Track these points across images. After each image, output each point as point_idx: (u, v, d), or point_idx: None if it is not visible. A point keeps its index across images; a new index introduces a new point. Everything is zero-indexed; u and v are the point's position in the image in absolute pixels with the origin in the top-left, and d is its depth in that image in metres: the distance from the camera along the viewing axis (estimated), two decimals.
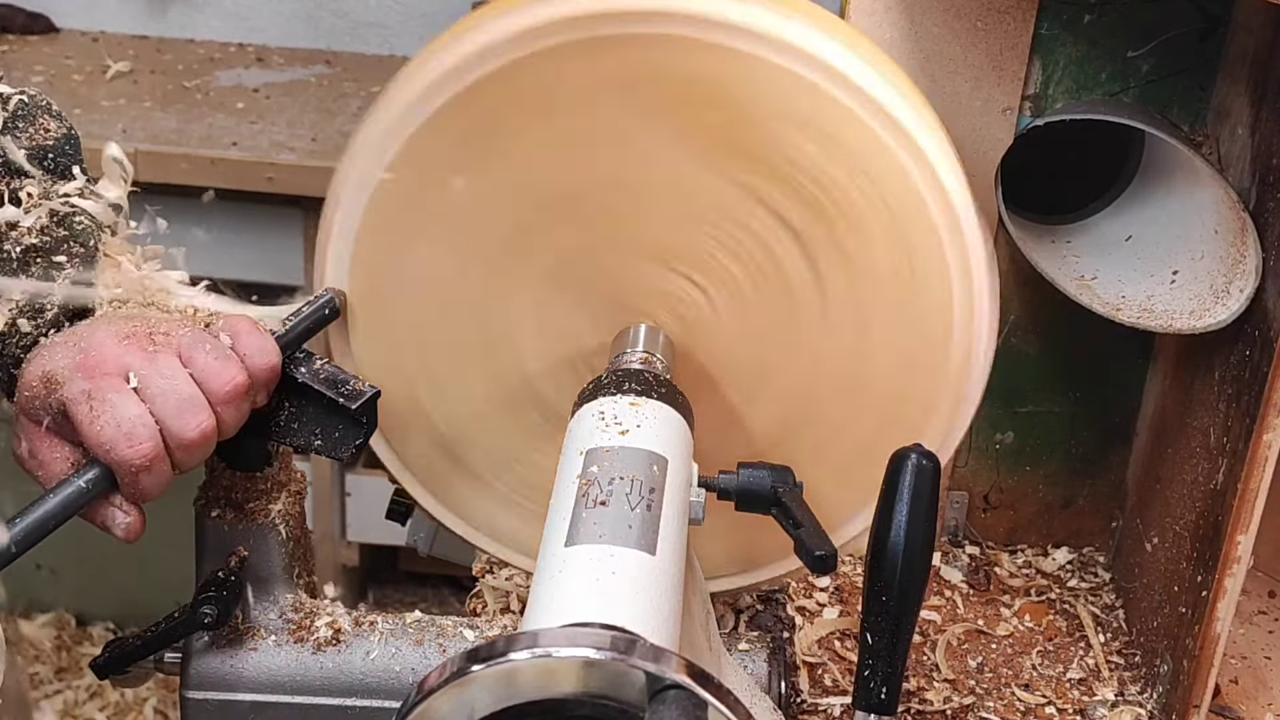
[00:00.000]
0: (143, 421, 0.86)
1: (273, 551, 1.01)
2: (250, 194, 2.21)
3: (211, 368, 0.88)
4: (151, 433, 0.86)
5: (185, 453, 0.88)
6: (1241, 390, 1.12)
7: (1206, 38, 1.21)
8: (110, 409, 0.85)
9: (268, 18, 2.77)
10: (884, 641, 0.86)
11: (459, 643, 1.04)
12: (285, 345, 0.95)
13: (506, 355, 1.04)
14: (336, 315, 1.01)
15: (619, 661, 0.65)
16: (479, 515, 1.11)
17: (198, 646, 1.02)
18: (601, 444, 0.85)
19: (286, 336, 0.96)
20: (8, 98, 0.98)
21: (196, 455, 0.89)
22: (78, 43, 2.70)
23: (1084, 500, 1.45)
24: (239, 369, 0.90)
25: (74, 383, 0.86)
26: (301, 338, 0.98)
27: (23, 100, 0.99)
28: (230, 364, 0.89)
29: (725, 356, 1.04)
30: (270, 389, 0.93)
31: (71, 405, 0.86)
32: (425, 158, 0.97)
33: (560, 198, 0.99)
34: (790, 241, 0.98)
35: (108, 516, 0.88)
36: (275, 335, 0.94)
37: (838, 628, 1.32)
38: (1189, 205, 1.21)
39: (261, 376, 0.91)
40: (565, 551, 0.76)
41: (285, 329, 0.96)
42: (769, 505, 0.93)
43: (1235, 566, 1.12)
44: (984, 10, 1.21)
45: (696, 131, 0.95)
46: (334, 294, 1.01)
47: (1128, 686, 1.29)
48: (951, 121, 1.00)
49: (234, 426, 0.91)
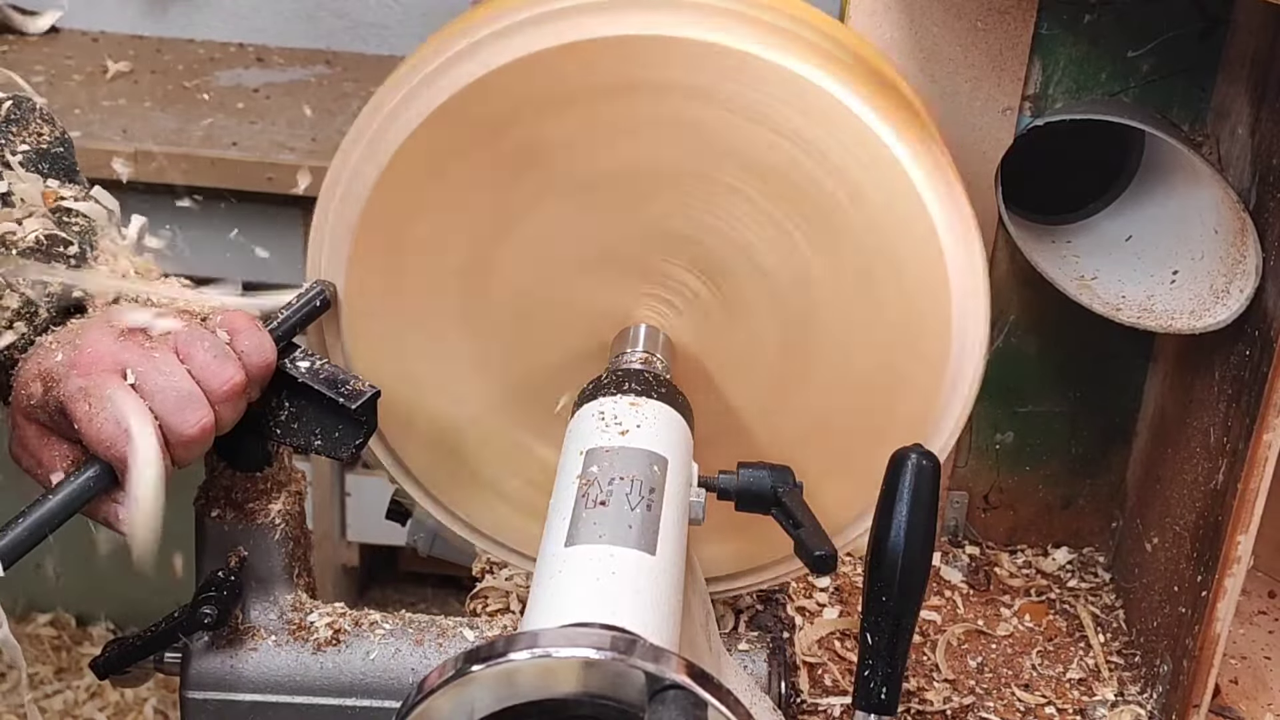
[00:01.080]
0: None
1: (273, 551, 1.01)
2: (250, 194, 2.21)
3: (210, 365, 0.88)
4: (151, 429, 0.86)
5: (184, 449, 0.88)
6: (1241, 390, 1.12)
7: (1206, 38, 1.21)
8: (109, 406, 0.85)
9: (268, 18, 2.77)
10: (884, 641, 0.86)
11: (459, 643, 1.04)
12: (277, 339, 0.95)
13: (507, 348, 1.04)
14: (328, 306, 1.01)
15: (619, 661, 0.65)
16: (482, 515, 1.11)
17: (198, 646, 1.02)
18: (601, 444, 0.85)
19: (278, 329, 0.96)
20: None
21: (195, 451, 0.89)
22: (78, 43, 2.70)
23: (1084, 500, 1.44)
24: (237, 366, 0.90)
25: (71, 380, 0.86)
26: (293, 330, 0.97)
27: (15, 105, 0.99)
28: (228, 361, 0.89)
29: (723, 354, 1.04)
30: (264, 384, 0.94)
31: (70, 403, 0.86)
32: (423, 154, 0.97)
33: (565, 191, 0.99)
34: (779, 239, 0.98)
35: (110, 512, 0.88)
36: (268, 328, 0.95)
37: (838, 628, 1.32)
38: (1189, 205, 1.21)
39: (257, 373, 0.92)
40: (565, 552, 0.76)
41: (276, 322, 0.96)
42: (769, 505, 0.93)
43: (1235, 566, 1.12)
44: (984, 10, 1.21)
45: (692, 132, 0.95)
46: (324, 285, 1.01)
47: (1128, 686, 1.29)
48: (951, 121, 1.00)
49: (231, 422, 0.91)
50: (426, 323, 1.03)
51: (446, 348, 1.04)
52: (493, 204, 0.99)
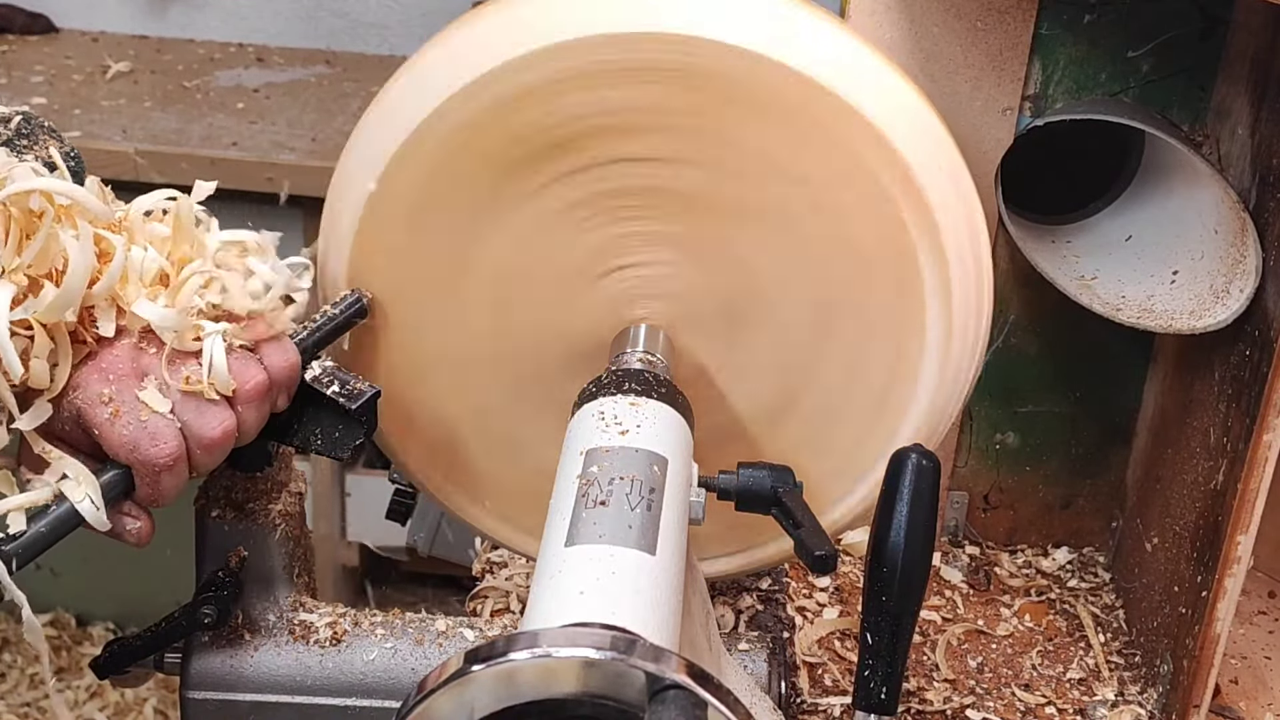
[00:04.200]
0: (165, 420, 0.86)
1: (273, 551, 1.01)
2: (250, 194, 2.21)
3: (232, 367, 0.88)
4: (175, 432, 0.86)
5: (206, 453, 0.88)
6: (1241, 390, 1.12)
7: (1206, 38, 1.21)
8: (133, 409, 0.85)
9: (268, 18, 2.77)
10: (884, 641, 0.86)
11: (459, 643, 1.04)
12: (309, 347, 0.95)
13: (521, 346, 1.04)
14: (364, 315, 1.01)
15: (619, 661, 0.65)
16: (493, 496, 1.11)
17: (198, 646, 1.02)
18: (601, 444, 0.85)
19: (310, 339, 0.96)
20: (8, 118, 0.98)
21: (216, 456, 0.89)
22: (78, 43, 2.70)
23: (1084, 500, 1.45)
24: (259, 368, 0.90)
25: (90, 387, 0.86)
26: (327, 339, 0.97)
27: (24, 120, 0.99)
28: (250, 363, 0.90)
29: (721, 352, 1.04)
30: (291, 391, 0.93)
31: (89, 409, 0.86)
32: (430, 153, 0.97)
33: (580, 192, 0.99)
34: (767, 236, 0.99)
35: (118, 523, 0.88)
36: (297, 339, 0.95)
37: (838, 628, 1.32)
38: (1189, 205, 1.21)
39: (281, 376, 0.91)
40: (565, 551, 0.76)
41: (308, 331, 0.97)
42: (769, 505, 0.93)
43: (1235, 566, 1.12)
44: (984, 10, 1.21)
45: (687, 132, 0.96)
46: (360, 294, 1.01)
47: (1128, 686, 1.29)
48: (952, 121, 1.00)
49: (255, 428, 0.91)
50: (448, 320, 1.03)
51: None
52: (495, 197, 0.99)
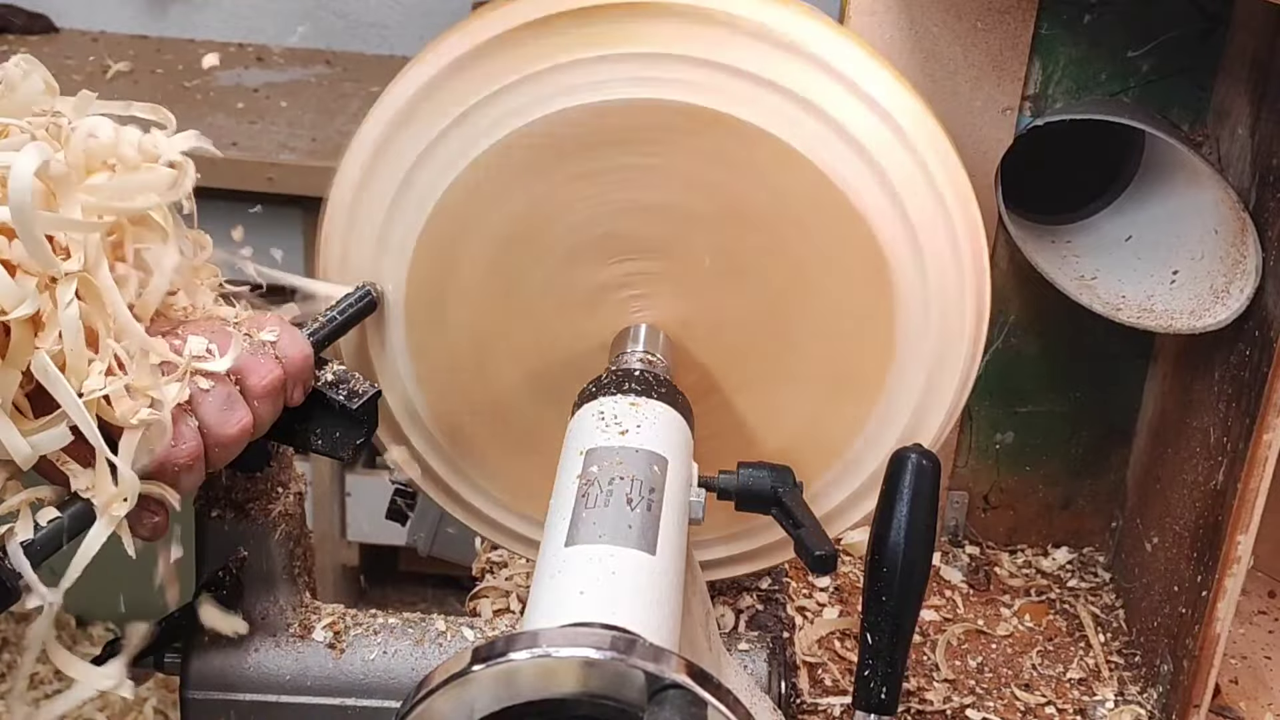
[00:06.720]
0: (185, 420, 0.86)
1: (273, 551, 1.01)
2: (250, 194, 2.21)
3: (248, 363, 0.88)
4: (194, 431, 0.85)
5: (223, 450, 0.87)
6: (1241, 390, 1.12)
7: (1206, 38, 1.21)
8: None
9: (268, 18, 2.77)
10: (884, 641, 0.86)
11: (459, 643, 1.04)
12: (321, 340, 0.95)
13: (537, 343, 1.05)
14: (374, 309, 1.01)
15: (619, 661, 0.65)
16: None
17: (198, 646, 1.02)
18: (601, 444, 0.85)
19: (321, 331, 0.96)
20: None
21: (231, 453, 0.88)
22: (78, 42, 2.70)
23: (1084, 500, 1.45)
24: (275, 363, 0.89)
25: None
26: (337, 332, 0.97)
27: None
28: (266, 358, 0.89)
29: (719, 350, 1.04)
30: (306, 384, 0.93)
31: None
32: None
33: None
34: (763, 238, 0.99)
35: (134, 518, 0.88)
36: (309, 331, 0.94)
37: (838, 628, 1.32)
38: (1189, 205, 1.21)
39: (295, 369, 0.91)
40: (565, 551, 0.76)
41: (319, 323, 0.96)
42: (769, 505, 0.93)
43: (1235, 566, 1.12)
44: (984, 10, 1.21)
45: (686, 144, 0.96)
46: (370, 286, 1.01)
47: (1128, 686, 1.29)
48: (951, 121, 1.00)
49: (268, 423, 0.90)
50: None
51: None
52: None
